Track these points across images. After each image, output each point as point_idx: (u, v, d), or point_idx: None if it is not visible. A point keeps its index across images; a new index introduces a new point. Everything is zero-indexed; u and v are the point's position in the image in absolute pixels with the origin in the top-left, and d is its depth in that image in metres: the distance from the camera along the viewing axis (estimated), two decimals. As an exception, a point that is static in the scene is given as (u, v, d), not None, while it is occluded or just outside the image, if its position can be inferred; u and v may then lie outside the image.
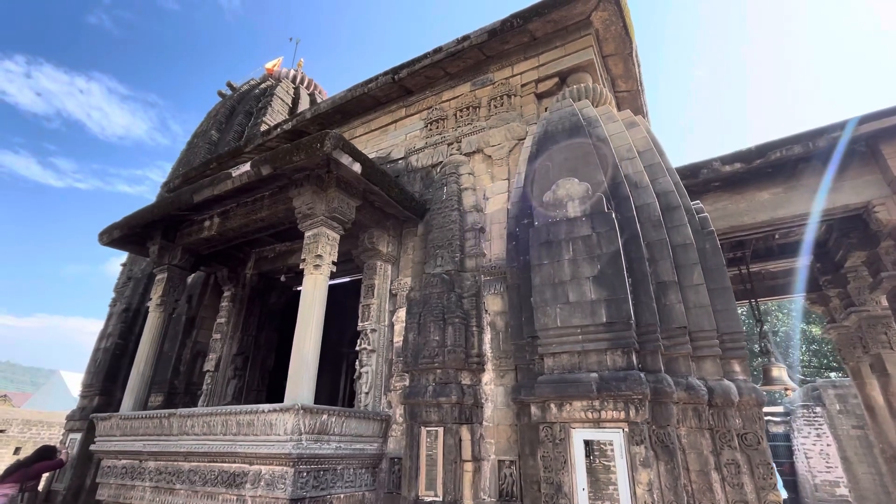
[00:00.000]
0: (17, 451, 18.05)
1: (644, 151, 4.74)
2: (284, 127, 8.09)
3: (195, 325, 7.29)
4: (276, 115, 15.08)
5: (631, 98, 7.05)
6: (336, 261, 4.92)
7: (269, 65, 18.46)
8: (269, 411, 4.00)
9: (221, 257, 6.94)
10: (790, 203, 6.11)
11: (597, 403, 3.35)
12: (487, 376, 4.61)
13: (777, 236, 8.30)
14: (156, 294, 6.09)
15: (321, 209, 4.80)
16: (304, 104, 16.54)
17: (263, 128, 14.04)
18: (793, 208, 6.10)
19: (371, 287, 5.56)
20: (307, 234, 4.87)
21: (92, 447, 5.46)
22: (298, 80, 17.82)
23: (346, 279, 7.22)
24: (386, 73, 6.97)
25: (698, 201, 4.74)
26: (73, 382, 39.18)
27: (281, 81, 16.63)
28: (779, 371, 6.56)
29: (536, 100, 6.03)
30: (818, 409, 15.23)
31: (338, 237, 4.98)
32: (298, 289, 7.82)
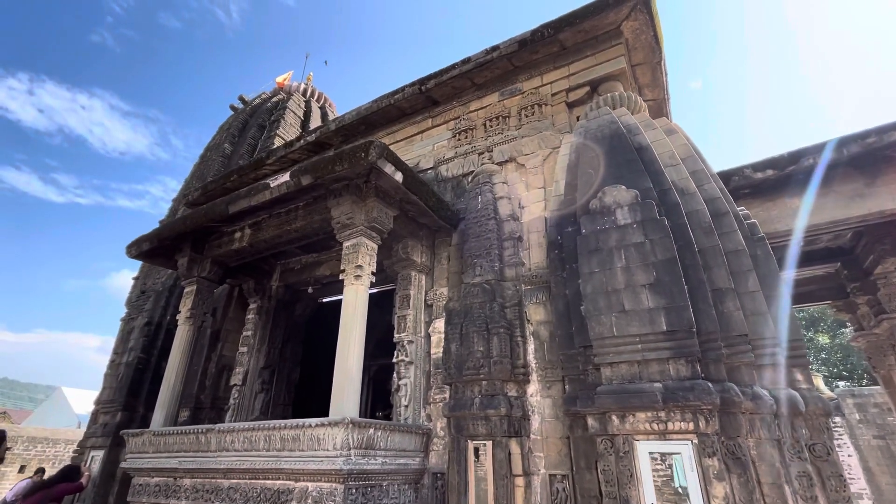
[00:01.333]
0: (22, 468, 17.73)
1: (686, 158, 4.71)
2: (308, 139, 8.09)
3: (220, 338, 7.19)
4: (289, 128, 15.17)
5: (657, 107, 7.06)
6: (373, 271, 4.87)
7: (279, 78, 18.63)
8: (317, 426, 3.90)
9: (248, 269, 6.87)
10: (823, 209, 6.08)
11: (662, 414, 3.26)
12: (533, 387, 4.51)
13: (802, 244, 8.23)
14: (185, 307, 6.00)
15: (360, 219, 4.76)
16: (315, 117, 16.65)
17: (277, 140, 14.12)
18: (826, 214, 6.07)
19: (406, 298, 5.49)
20: (346, 244, 4.82)
21: (123, 464, 5.33)
22: (309, 93, 17.99)
23: (374, 290, 7.13)
24: (412, 85, 6.98)
25: (743, 207, 4.70)
26: (76, 398, 38.71)
27: (292, 95, 16.78)
28: (816, 380, 6.45)
29: (567, 109, 6.03)
30: (837, 419, 15.01)
31: (376, 247, 4.93)
32: (325, 300, 7.75)
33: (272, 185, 4.88)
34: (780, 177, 6.15)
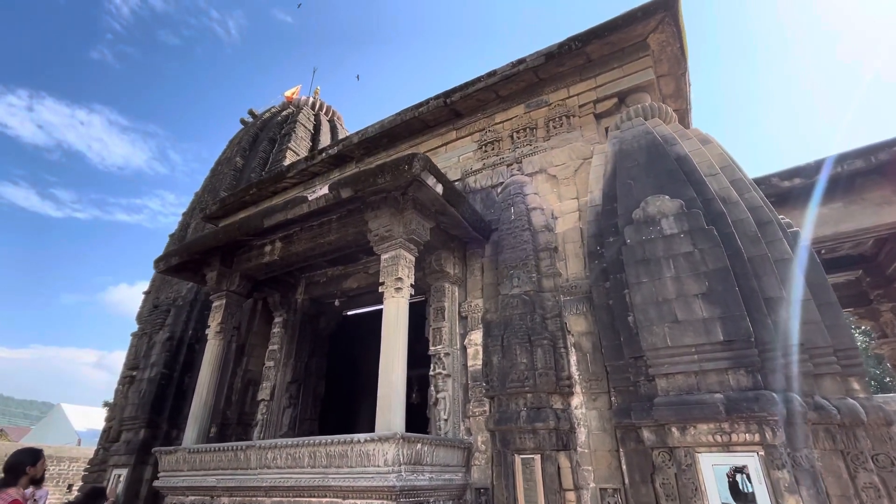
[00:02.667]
0: (25, 488, 17.38)
1: (724, 167, 4.73)
2: (330, 152, 8.12)
3: (245, 352, 7.11)
4: (300, 141, 15.24)
5: (679, 118, 7.11)
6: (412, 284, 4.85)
7: (288, 92, 18.78)
8: (366, 441, 3.84)
9: (274, 283, 6.83)
10: (853, 217, 6.11)
11: (726, 426, 3.23)
12: (577, 399, 4.46)
13: (823, 251, 8.25)
14: (214, 321, 5.95)
15: (399, 231, 4.75)
16: (324, 130, 16.74)
17: (289, 154, 14.17)
18: (856, 222, 6.09)
19: (441, 310, 5.46)
20: (384, 256, 4.80)
21: (156, 483, 5.23)
22: (317, 107, 18.13)
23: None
24: (437, 97, 7.04)
25: (783, 215, 4.70)
26: (75, 415, 38.17)
27: (302, 109, 16.91)
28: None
29: (595, 120, 6.07)
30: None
31: (414, 259, 4.91)
32: (349, 313, 7.70)
33: (310, 199, 4.87)
34: (806, 185, 6.18)
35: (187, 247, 5.96)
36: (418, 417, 5.49)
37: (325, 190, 4.80)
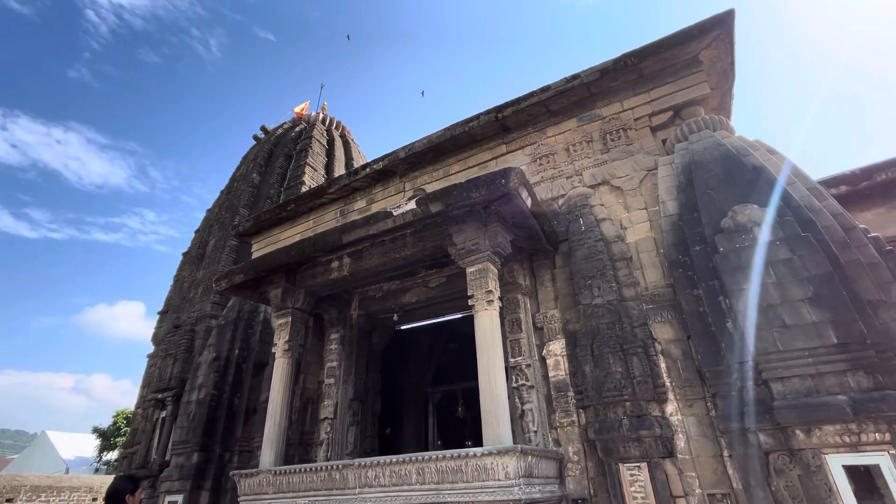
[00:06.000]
0: (25, 522, 16.55)
1: (798, 177, 4.92)
2: (375, 167, 8.15)
3: (301, 370, 7.00)
4: (316, 156, 15.25)
5: (720, 129, 7.35)
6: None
7: (297, 108, 18.84)
8: (483, 455, 3.83)
9: (331, 298, 6.79)
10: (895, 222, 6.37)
11: (853, 426, 3.32)
12: (671, 406, 4.52)
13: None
14: (281, 340, 5.88)
15: (485, 244, 4.80)
16: (338, 145, 16.79)
17: (307, 170, 14.16)
18: (899, 227, 6.35)
19: (517, 321, 5.49)
20: (471, 269, 4.83)
21: (237, 509, 5.09)
22: (328, 122, 18.20)
23: (458, 315, 7.07)
24: (488, 112, 7.16)
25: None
26: (62, 443, 36.66)
27: (315, 125, 16.96)
28: None
29: (651, 132, 6.25)
30: None
31: (497, 272, 4.96)
32: (402, 328, 7.66)
33: (395, 214, 4.89)
34: (851, 192, 6.45)
35: (253, 265, 5.89)
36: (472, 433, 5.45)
37: (411, 205, 4.83)
